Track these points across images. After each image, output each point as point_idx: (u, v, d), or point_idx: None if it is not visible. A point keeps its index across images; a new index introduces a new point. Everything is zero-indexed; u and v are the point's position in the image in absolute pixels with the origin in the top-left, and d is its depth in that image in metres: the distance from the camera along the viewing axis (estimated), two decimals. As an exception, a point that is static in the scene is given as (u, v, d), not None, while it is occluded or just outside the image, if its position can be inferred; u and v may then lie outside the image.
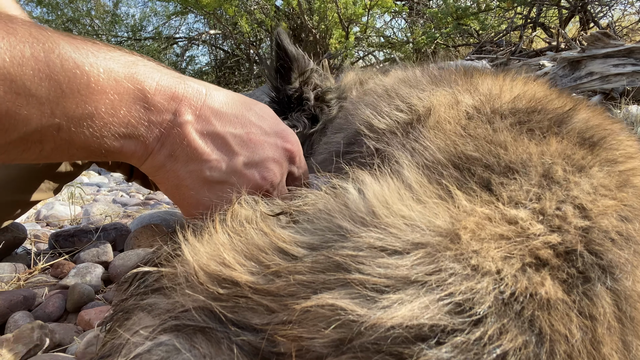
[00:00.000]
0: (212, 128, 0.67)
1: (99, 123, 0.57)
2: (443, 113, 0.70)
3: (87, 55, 0.56)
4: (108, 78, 0.57)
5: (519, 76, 0.87)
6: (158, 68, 0.64)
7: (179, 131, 0.64)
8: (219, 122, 0.68)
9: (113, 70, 0.58)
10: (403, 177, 0.53)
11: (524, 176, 0.52)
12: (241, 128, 0.70)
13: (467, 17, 6.99)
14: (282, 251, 0.45)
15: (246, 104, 0.73)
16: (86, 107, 0.55)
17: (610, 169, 0.55)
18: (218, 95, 0.69)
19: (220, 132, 0.67)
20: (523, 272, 0.40)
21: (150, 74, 0.62)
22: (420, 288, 0.38)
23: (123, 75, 0.59)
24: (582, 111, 0.69)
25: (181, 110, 0.64)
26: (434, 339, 0.36)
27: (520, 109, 0.68)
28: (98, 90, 0.56)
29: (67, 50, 0.54)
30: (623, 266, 0.43)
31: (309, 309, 0.38)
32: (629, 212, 0.49)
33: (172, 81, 0.64)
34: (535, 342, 0.37)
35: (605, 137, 0.62)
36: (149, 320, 0.46)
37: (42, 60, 0.51)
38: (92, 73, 0.55)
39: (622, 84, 3.54)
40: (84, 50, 0.56)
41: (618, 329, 0.40)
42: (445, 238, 0.42)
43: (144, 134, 0.62)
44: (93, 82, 0.55)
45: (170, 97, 0.63)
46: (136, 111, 0.60)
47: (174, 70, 0.68)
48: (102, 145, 0.60)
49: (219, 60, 10.36)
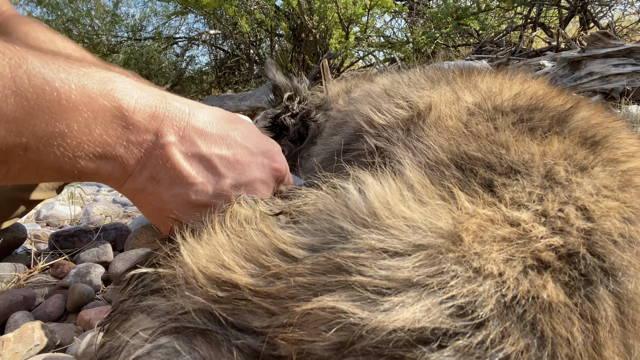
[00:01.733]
0: (196, 149, 0.64)
1: (71, 142, 0.54)
2: (444, 108, 0.70)
3: (58, 71, 0.53)
4: (81, 94, 0.54)
5: (516, 74, 0.87)
6: (138, 85, 0.61)
7: (162, 153, 0.61)
8: (204, 143, 0.65)
9: (87, 87, 0.54)
10: (405, 178, 0.52)
11: (526, 177, 0.51)
12: (227, 149, 0.67)
13: (467, 17, 6.98)
14: (282, 253, 0.45)
15: (231, 123, 0.70)
16: (57, 126, 0.52)
17: (613, 169, 0.55)
18: (202, 114, 0.66)
19: (206, 153, 0.65)
20: (525, 275, 0.40)
21: (129, 91, 0.58)
22: (422, 290, 0.38)
23: (98, 92, 0.55)
24: (583, 109, 0.69)
25: (163, 131, 0.61)
26: (436, 343, 0.35)
27: (522, 107, 0.68)
28: (70, 107, 0.53)
29: (35, 65, 0.51)
30: (626, 269, 0.43)
31: (309, 312, 0.38)
32: (632, 213, 0.49)
33: (153, 99, 0.61)
34: (537, 346, 0.36)
35: (607, 136, 0.61)
36: (148, 322, 0.45)
37: (8, 76, 0.48)
38: (62, 89, 0.52)
39: (622, 84, 3.54)
40: (55, 66, 0.53)
41: (620, 332, 0.40)
42: (447, 240, 0.42)
43: (122, 154, 0.59)
44: (64, 98, 0.52)
45: (151, 116, 0.60)
46: (113, 130, 0.57)
47: (155, 87, 0.65)
48: (74, 166, 0.56)
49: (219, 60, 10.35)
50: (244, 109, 6.02)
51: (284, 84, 1.45)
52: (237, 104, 6.07)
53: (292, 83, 1.46)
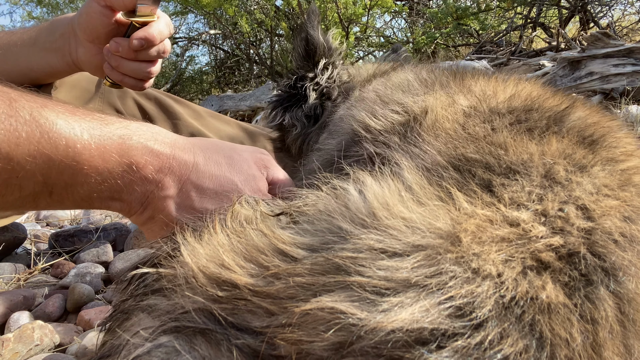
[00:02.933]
0: (190, 203, 0.73)
1: (87, 189, 0.64)
2: (441, 111, 0.70)
3: (82, 133, 0.62)
4: (99, 155, 0.63)
5: (510, 77, 0.87)
6: (153, 137, 0.69)
7: (160, 203, 0.71)
8: (198, 197, 0.73)
9: (106, 148, 0.63)
10: (403, 179, 0.52)
11: (526, 177, 0.51)
12: (218, 204, 0.75)
13: (467, 17, 6.98)
14: (282, 253, 0.45)
15: (232, 165, 0.78)
16: (77, 179, 0.62)
17: (612, 167, 0.55)
18: (204, 165, 0.74)
19: (197, 207, 0.73)
20: (524, 276, 0.40)
21: (142, 149, 0.67)
22: (420, 291, 0.38)
23: (114, 149, 0.64)
24: (579, 109, 0.69)
25: (165, 184, 0.70)
26: (435, 343, 0.35)
27: (517, 108, 0.68)
28: (88, 167, 0.62)
29: (60, 127, 0.60)
30: (626, 268, 0.43)
31: (308, 312, 0.38)
32: (632, 212, 0.48)
33: (162, 152, 0.70)
34: (535, 347, 0.36)
35: (605, 135, 0.61)
36: (148, 321, 0.45)
37: (36, 140, 0.57)
38: (84, 153, 0.61)
39: (622, 84, 3.54)
40: (78, 127, 0.62)
41: (620, 332, 0.40)
42: (446, 240, 0.42)
43: (128, 199, 0.69)
44: (85, 161, 0.61)
45: (158, 170, 0.69)
46: (122, 181, 0.66)
47: (169, 132, 0.74)
48: (91, 204, 0.68)
49: (219, 60, 10.35)
50: (244, 109, 6.02)
51: (323, 46, 1.24)
52: (237, 104, 6.07)
53: (332, 51, 1.27)
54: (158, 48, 1.05)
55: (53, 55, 1.13)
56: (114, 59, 1.05)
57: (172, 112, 1.63)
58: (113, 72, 1.07)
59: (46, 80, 1.25)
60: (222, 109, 5.98)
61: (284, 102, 1.29)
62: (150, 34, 1.00)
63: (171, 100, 1.65)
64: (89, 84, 1.46)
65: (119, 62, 1.04)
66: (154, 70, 1.10)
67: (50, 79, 1.25)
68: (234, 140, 1.69)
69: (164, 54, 1.08)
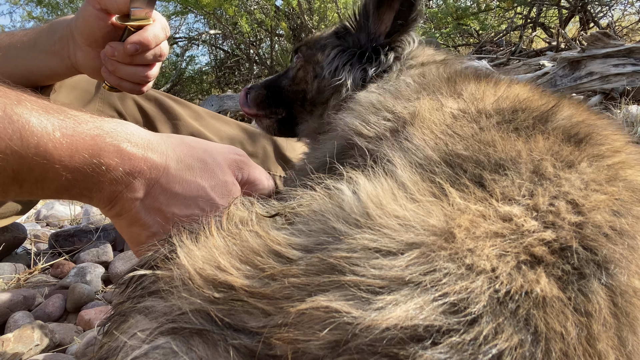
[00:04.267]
0: (157, 205, 0.73)
1: (57, 185, 0.64)
2: (428, 114, 0.70)
3: (54, 131, 0.61)
4: (70, 154, 0.63)
5: (502, 79, 0.88)
6: (126, 138, 0.70)
7: (127, 204, 0.71)
8: (166, 201, 0.74)
9: (78, 148, 0.63)
10: (396, 176, 0.53)
11: (515, 172, 0.52)
12: (185, 209, 0.75)
13: (467, 17, 6.97)
14: (277, 254, 0.45)
15: (205, 169, 0.78)
16: (47, 175, 0.62)
17: (599, 163, 0.55)
18: (176, 170, 0.74)
19: (164, 210, 0.74)
20: (518, 270, 0.41)
21: (114, 150, 0.67)
22: (414, 288, 0.38)
23: (85, 149, 0.64)
24: (565, 108, 0.70)
25: (134, 186, 0.71)
26: (430, 340, 0.36)
27: (505, 109, 0.69)
28: (59, 165, 0.62)
29: (33, 124, 0.59)
30: (618, 261, 0.43)
31: (304, 312, 0.38)
32: (621, 206, 0.49)
33: (134, 154, 0.69)
34: (530, 341, 0.37)
35: (591, 133, 0.62)
36: (146, 323, 0.46)
37: (8, 136, 0.57)
38: (54, 151, 0.61)
39: (622, 84, 3.53)
40: (50, 125, 0.61)
41: (614, 324, 0.40)
42: (440, 237, 0.42)
43: (97, 197, 0.70)
44: (56, 159, 0.61)
45: (128, 173, 0.69)
46: (92, 180, 0.66)
47: (144, 132, 0.74)
48: (60, 196, 0.69)
49: (219, 60, 10.35)
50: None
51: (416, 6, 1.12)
52: (237, 103, 6.07)
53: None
54: (154, 52, 1.04)
55: (52, 58, 1.12)
56: (110, 63, 1.04)
57: (172, 112, 1.63)
58: (110, 76, 1.06)
59: (46, 83, 1.25)
60: (222, 109, 5.98)
61: (350, 60, 1.20)
62: (145, 38, 0.99)
63: (171, 101, 1.65)
64: (89, 85, 1.46)
65: (116, 66, 1.03)
66: (152, 73, 1.09)
67: (50, 81, 1.25)
68: (234, 141, 1.69)
69: (161, 57, 1.07)
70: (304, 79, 1.30)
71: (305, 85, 1.30)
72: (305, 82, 1.30)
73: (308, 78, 1.30)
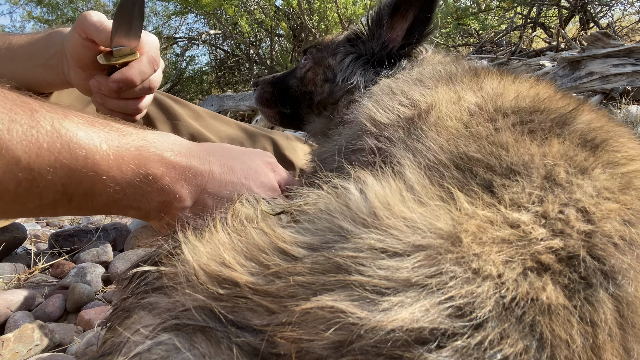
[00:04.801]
0: (206, 209, 0.73)
1: (106, 198, 0.66)
2: (445, 109, 0.70)
3: (101, 144, 0.63)
4: (117, 165, 0.65)
5: (525, 77, 0.87)
6: (170, 148, 0.71)
7: (177, 212, 0.72)
8: (215, 204, 0.74)
9: (124, 159, 0.65)
10: (405, 178, 0.52)
11: (526, 178, 0.51)
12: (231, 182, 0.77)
13: (467, 17, 6.98)
14: (283, 252, 0.45)
15: (246, 170, 0.80)
16: (95, 188, 0.64)
17: (613, 171, 0.54)
18: (221, 175, 0.76)
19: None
20: (524, 277, 0.40)
21: (159, 160, 0.69)
22: (420, 291, 0.38)
23: (131, 160, 0.66)
24: (585, 113, 0.69)
25: (182, 196, 0.72)
26: (434, 343, 0.35)
27: (523, 108, 0.68)
28: (107, 177, 0.64)
29: (80, 138, 0.61)
30: (626, 272, 0.43)
31: (308, 311, 0.38)
32: (633, 215, 0.48)
33: (178, 163, 0.72)
34: (536, 348, 0.36)
35: (608, 140, 0.61)
36: (149, 319, 0.46)
37: (57, 150, 0.59)
38: (102, 163, 0.63)
39: (622, 84, 3.54)
40: (97, 137, 0.63)
41: (619, 335, 0.40)
42: (447, 241, 0.42)
43: (145, 207, 0.70)
44: (104, 171, 0.63)
45: (174, 181, 0.71)
46: (140, 191, 0.68)
47: (185, 141, 0.75)
48: (109, 211, 0.70)
49: (219, 60, 10.36)
50: (244, 109, 6.02)
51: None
52: (237, 104, 6.08)
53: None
54: (142, 86, 0.99)
55: (48, 72, 1.09)
56: (98, 96, 1.00)
57: (172, 113, 1.62)
58: (100, 107, 1.02)
59: (45, 91, 1.22)
60: (222, 108, 5.99)
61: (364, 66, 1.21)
62: (129, 75, 0.94)
63: (171, 101, 1.65)
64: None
65: (104, 99, 1.00)
66: (142, 105, 1.05)
67: (48, 89, 1.22)
68: (234, 141, 1.69)
69: (151, 90, 1.02)
70: (313, 81, 1.32)
71: (313, 87, 1.32)
72: (314, 84, 1.31)
73: (317, 80, 1.31)
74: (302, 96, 1.34)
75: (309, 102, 1.33)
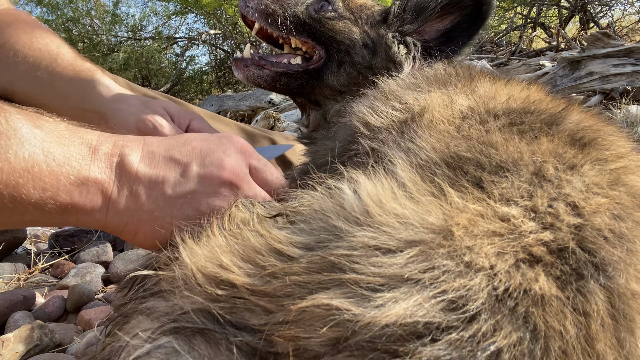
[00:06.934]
0: (156, 157, 0.71)
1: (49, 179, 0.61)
2: (437, 113, 0.70)
3: (43, 148, 0.60)
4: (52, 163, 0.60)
5: (517, 80, 0.88)
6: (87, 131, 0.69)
7: (129, 169, 0.68)
8: (161, 149, 0.72)
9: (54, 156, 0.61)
10: (397, 176, 0.53)
11: (515, 174, 0.52)
12: (183, 146, 0.73)
13: (467, 17, 6.97)
14: (278, 252, 0.46)
15: (189, 151, 0.75)
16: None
17: (602, 167, 0.55)
18: (155, 139, 0.74)
19: (165, 155, 0.71)
20: (517, 268, 0.41)
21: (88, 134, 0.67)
22: (413, 286, 0.39)
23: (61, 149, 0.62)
24: (574, 113, 0.70)
25: (124, 152, 0.69)
26: (429, 336, 0.36)
27: (514, 110, 0.69)
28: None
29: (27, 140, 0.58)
30: (616, 264, 0.43)
31: (305, 309, 0.39)
32: (622, 210, 0.49)
33: (112, 137, 0.70)
34: (529, 339, 0.37)
35: (596, 138, 0.62)
36: (148, 323, 0.46)
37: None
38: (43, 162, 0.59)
39: (622, 84, 3.54)
40: (39, 141, 0.60)
41: (612, 325, 0.41)
42: (439, 235, 0.43)
43: (98, 177, 0.65)
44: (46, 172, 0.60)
45: (113, 145, 0.68)
46: (82, 158, 0.64)
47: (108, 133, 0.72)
48: (56, 200, 0.62)
49: (219, 60, 10.37)
50: (244, 109, 6.02)
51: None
52: (237, 103, 6.08)
53: None
54: None
55: (80, 119, 1.06)
56: None
57: None
58: None
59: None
60: (222, 108, 5.99)
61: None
62: None
63: None
64: None
65: None
66: None
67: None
68: None
69: None
70: (349, 36, 1.15)
71: (350, 42, 1.15)
72: (351, 40, 1.15)
73: (355, 38, 1.15)
74: (337, 44, 1.14)
75: (347, 55, 1.13)
